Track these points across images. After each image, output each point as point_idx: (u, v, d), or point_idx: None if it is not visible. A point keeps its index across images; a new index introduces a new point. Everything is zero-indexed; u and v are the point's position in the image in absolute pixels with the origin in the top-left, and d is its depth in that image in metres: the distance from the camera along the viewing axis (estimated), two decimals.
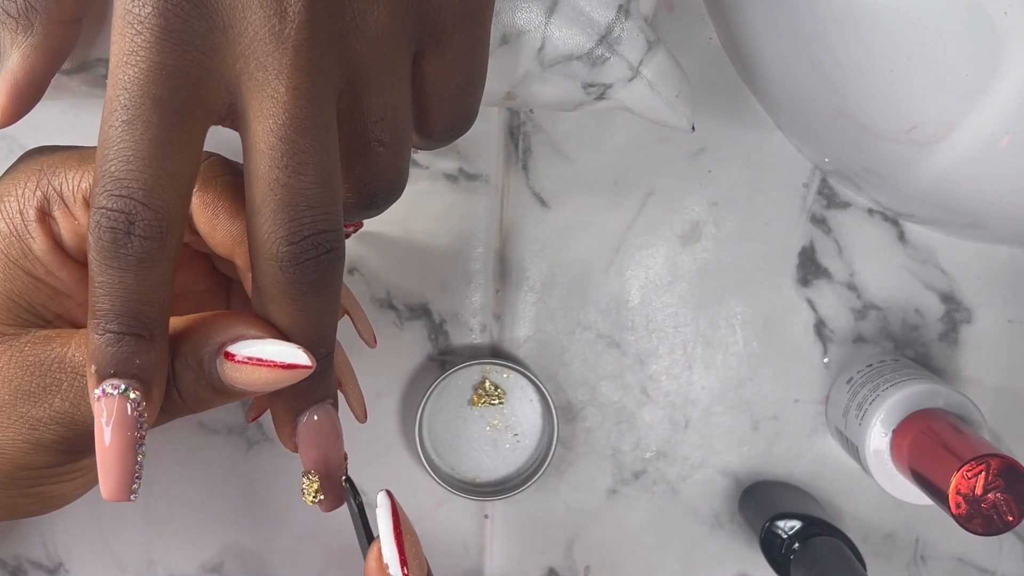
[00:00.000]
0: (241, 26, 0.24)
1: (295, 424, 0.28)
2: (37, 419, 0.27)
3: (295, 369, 0.26)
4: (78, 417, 0.27)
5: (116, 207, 0.24)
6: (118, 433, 0.24)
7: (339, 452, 0.29)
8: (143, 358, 0.24)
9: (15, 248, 0.28)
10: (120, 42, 0.24)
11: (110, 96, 0.24)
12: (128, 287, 0.24)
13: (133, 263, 0.24)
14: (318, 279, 0.25)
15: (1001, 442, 0.47)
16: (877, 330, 0.46)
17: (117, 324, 0.24)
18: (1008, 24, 0.31)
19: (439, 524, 0.47)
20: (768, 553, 0.43)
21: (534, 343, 0.46)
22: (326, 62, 0.25)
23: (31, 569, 0.46)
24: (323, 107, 0.25)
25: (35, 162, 0.29)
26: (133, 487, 0.25)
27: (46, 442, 0.27)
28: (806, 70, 0.37)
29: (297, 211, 0.25)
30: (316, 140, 0.25)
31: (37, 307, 0.29)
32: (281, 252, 0.25)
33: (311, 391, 0.28)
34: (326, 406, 0.28)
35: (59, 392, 0.26)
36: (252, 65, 0.25)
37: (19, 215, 0.28)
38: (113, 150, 0.24)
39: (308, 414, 0.28)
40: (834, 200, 0.45)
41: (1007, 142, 0.33)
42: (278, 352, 0.26)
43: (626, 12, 0.34)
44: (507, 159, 0.45)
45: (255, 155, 0.25)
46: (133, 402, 0.24)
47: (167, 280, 0.25)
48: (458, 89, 0.30)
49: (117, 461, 0.24)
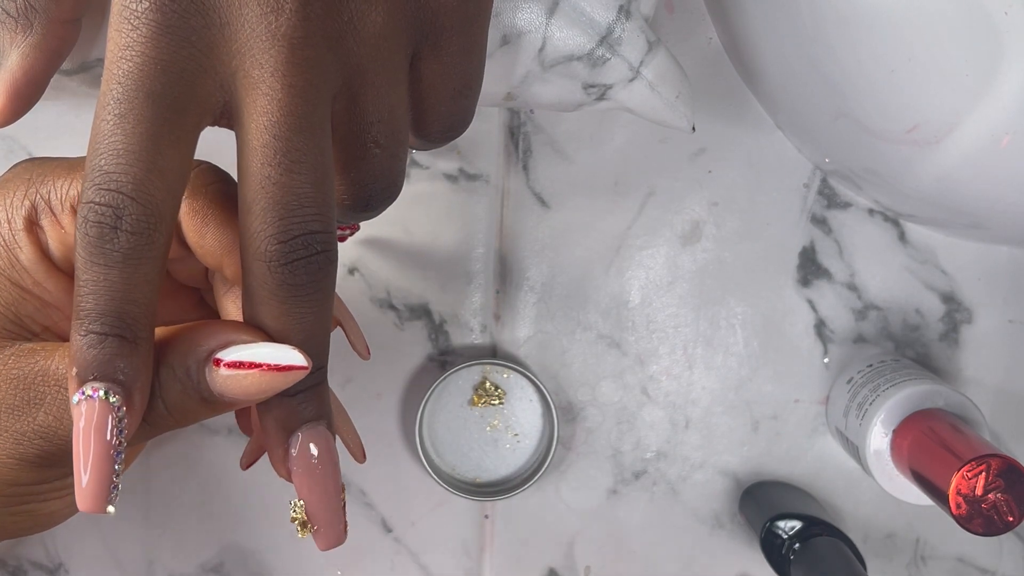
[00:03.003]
0: (238, 23, 0.24)
1: (287, 447, 0.26)
2: (21, 433, 0.26)
3: (290, 371, 0.25)
4: (61, 431, 0.26)
5: (104, 201, 0.23)
6: (96, 439, 0.23)
7: (336, 481, 0.26)
8: (126, 361, 0.24)
9: (2, 259, 0.28)
10: (116, 37, 0.24)
11: (104, 90, 0.24)
12: (113, 285, 0.23)
13: (119, 259, 0.23)
14: (308, 280, 0.25)
15: (1001, 442, 0.47)
16: (877, 330, 0.46)
17: (100, 324, 0.23)
18: (1008, 24, 0.31)
19: (439, 524, 0.47)
20: (768, 553, 0.43)
21: (534, 343, 0.46)
22: (322, 61, 0.25)
23: (31, 569, 0.46)
24: (318, 106, 0.25)
25: (24, 172, 0.28)
26: (110, 497, 0.24)
27: (30, 457, 0.26)
28: (806, 70, 0.37)
29: (288, 210, 0.24)
30: (310, 139, 0.25)
31: (24, 319, 0.28)
32: (270, 251, 0.24)
33: (303, 407, 0.26)
34: (320, 428, 0.26)
35: (43, 406, 0.26)
36: (248, 63, 0.24)
37: (6, 224, 0.28)
38: (104, 144, 0.23)
39: (301, 437, 0.26)
40: (834, 200, 0.45)
41: (1007, 142, 0.33)
42: (271, 354, 0.25)
43: (627, 13, 0.34)
44: (507, 159, 0.45)
45: (248, 152, 0.25)
46: (113, 407, 0.23)
47: (153, 279, 0.24)
48: (455, 92, 0.30)
49: (93, 468, 0.23)
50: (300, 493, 0.26)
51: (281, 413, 0.26)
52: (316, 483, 0.26)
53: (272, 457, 0.27)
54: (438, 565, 0.47)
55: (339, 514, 0.26)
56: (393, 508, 0.47)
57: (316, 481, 0.26)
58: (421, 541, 0.47)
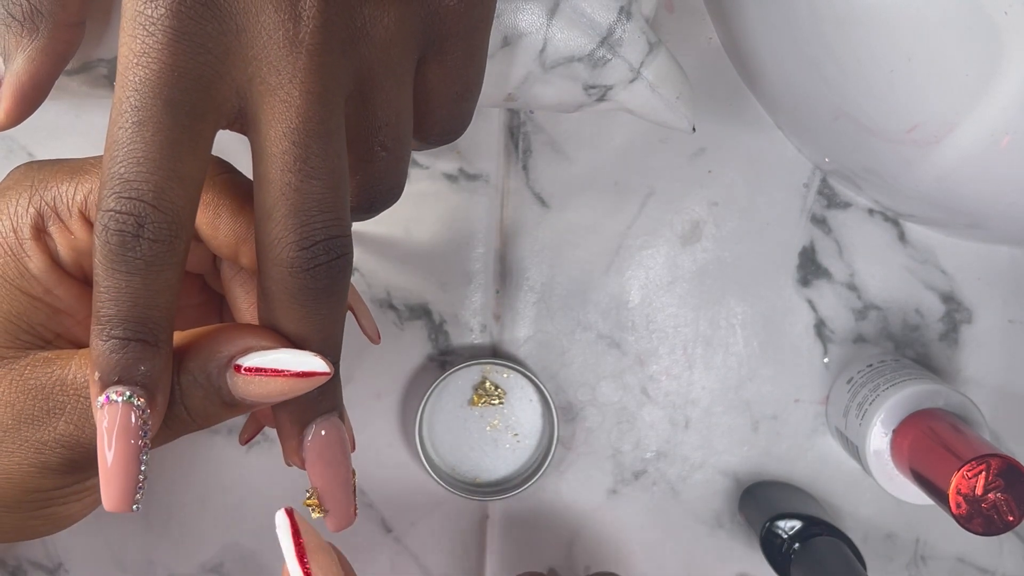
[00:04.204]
0: (254, 30, 0.24)
1: (301, 438, 0.27)
2: (43, 443, 0.26)
3: (312, 377, 0.25)
4: (83, 439, 0.26)
5: (125, 209, 0.23)
6: (122, 441, 0.24)
7: (347, 467, 0.27)
8: (148, 364, 0.24)
9: (11, 268, 0.28)
10: (131, 43, 0.24)
11: (119, 97, 0.24)
12: (135, 291, 0.24)
13: (141, 267, 0.24)
14: (328, 285, 0.25)
15: (1001, 442, 0.47)
16: (877, 330, 0.46)
17: (122, 330, 0.24)
18: (1008, 24, 0.31)
19: (439, 524, 0.47)
20: (768, 553, 0.43)
21: (534, 343, 0.46)
22: (337, 67, 0.25)
23: (31, 569, 0.46)
24: (334, 112, 0.25)
25: (25, 178, 0.28)
26: (136, 497, 0.24)
27: (53, 465, 0.26)
28: (806, 70, 0.37)
29: (309, 215, 0.24)
30: (328, 145, 0.25)
31: (36, 327, 0.28)
32: (292, 257, 0.24)
33: (318, 402, 0.27)
34: (333, 418, 0.27)
35: (63, 415, 0.26)
36: (264, 69, 0.25)
37: (13, 234, 0.28)
38: (123, 151, 0.23)
39: (315, 428, 0.27)
40: (834, 200, 0.45)
41: (1007, 142, 0.33)
42: (292, 360, 0.25)
43: (627, 14, 0.34)
44: (507, 159, 0.45)
45: (266, 159, 0.25)
46: (137, 410, 0.24)
47: (174, 285, 0.24)
48: (456, 96, 0.30)
49: (120, 470, 0.24)
50: (313, 480, 0.27)
51: (297, 407, 0.27)
52: (329, 471, 0.27)
53: (285, 447, 0.27)
54: (438, 565, 0.47)
55: (350, 498, 0.27)
56: (393, 508, 0.47)
57: (330, 469, 0.27)
58: (421, 541, 0.47)
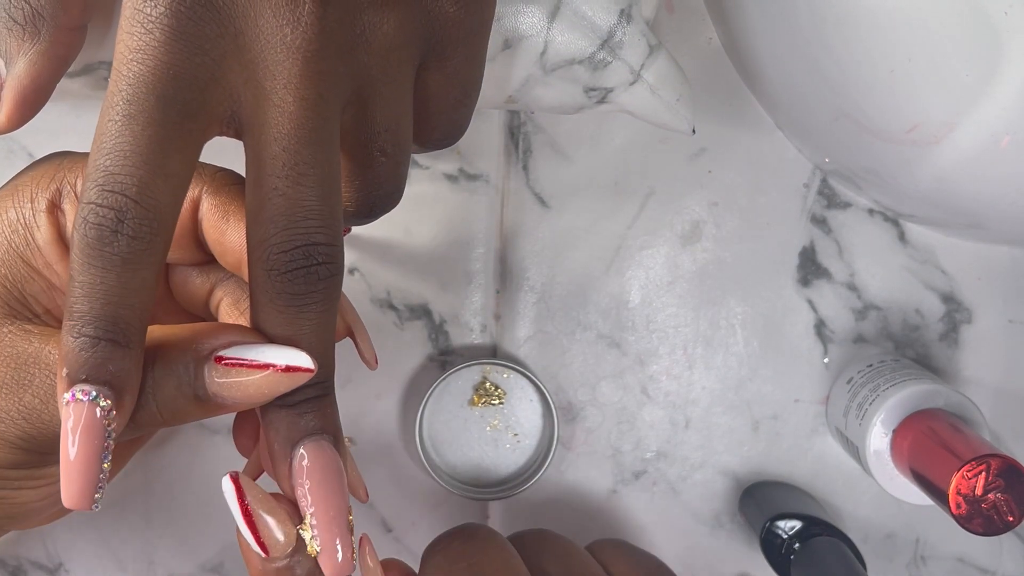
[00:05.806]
0: (252, 33, 0.24)
1: (290, 460, 0.25)
2: (5, 411, 0.26)
3: (294, 373, 0.24)
4: (45, 416, 0.26)
5: (106, 203, 0.23)
6: (85, 440, 0.23)
7: (341, 499, 0.25)
8: (117, 365, 0.23)
9: (19, 236, 0.28)
10: (128, 40, 0.24)
11: (112, 91, 0.23)
12: (109, 289, 0.23)
13: (117, 263, 0.23)
14: (306, 290, 0.24)
15: (1001, 442, 0.47)
16: (877, 330, 0.46)
17: (93, 328, 0.23)
18: (1008, 24, 0.31)
19: (439, 524, 0.47)
20: (768, 553, 0.43)
21: (534, 343, 0.46)
22: (334, 73, 0.25)
23: (31, 569, 0.46)
24: (328, 119, 0.25)
25: (57, 158, 0.29)
26: (96, 496, 0.23)
27: (10, 437, 0.26)
28: (806, 70, 0.37)
29: (292, 220, 0.24)
30: (319, 152, 0.25)
31: (28, 298, 0.28)
32: (271, 259, 0.24)
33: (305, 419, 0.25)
34: (323, 442, 0.25)
35: (30, 388, 0.26)
36: (260, 73, 0.24)
37: (30, 204, 0.28)
38: (110, 144, 0.23)
39: (303, 449, 0.25)
40: (834, 200, 0.45)
41: (1007, 142, 0.33)
42: (275, 354, 0.24)
43: (628, 16, 0.34)
44: (507, 159, 0.45)
45: (256, 164, 0.25)
46: (103, 410, 0.23)
47: (150, 284, 0.24)
48: (456, 100, 0.30)
49: (81, 469, 0.23)
50: (301, 508, 0.25)
51: (283, 425, 0.25)
52: (317, 500, 0.25)
53: (277, 473, 0.26)
54: None
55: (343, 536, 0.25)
56: (393, 508, 0.47)
57: (319, 496, 0.25)
58: (421, 541, 0.47)
